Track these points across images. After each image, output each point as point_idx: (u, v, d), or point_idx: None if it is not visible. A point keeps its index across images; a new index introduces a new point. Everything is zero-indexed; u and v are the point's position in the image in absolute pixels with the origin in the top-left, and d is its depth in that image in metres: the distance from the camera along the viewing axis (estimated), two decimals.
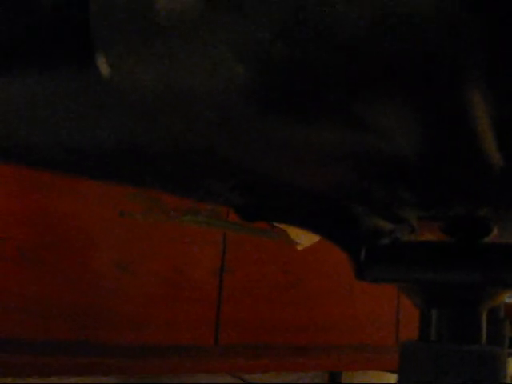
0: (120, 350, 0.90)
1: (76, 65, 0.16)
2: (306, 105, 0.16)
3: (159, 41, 0.14)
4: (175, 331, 0.93)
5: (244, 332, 1.00)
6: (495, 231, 0.37)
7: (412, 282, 0.36)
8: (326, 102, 0.16)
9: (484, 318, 0.36)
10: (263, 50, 0.13)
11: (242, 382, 1.11)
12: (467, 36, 0.12)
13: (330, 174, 0.26)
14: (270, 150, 0.21)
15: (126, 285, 0.89)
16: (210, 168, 0.24)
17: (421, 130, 0.18)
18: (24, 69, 0.18)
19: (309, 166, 0.24)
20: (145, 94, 0.15)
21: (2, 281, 0.80)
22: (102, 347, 0.88)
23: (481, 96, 0.15)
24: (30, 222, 0.82)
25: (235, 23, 0.13)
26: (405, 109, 0.16)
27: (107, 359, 0.89)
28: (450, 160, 0.22)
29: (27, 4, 0.17)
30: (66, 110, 0.18)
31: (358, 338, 1.13)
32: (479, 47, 0.13)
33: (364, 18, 0.12)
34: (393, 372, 1.24)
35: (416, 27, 0.12)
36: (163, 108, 0.16)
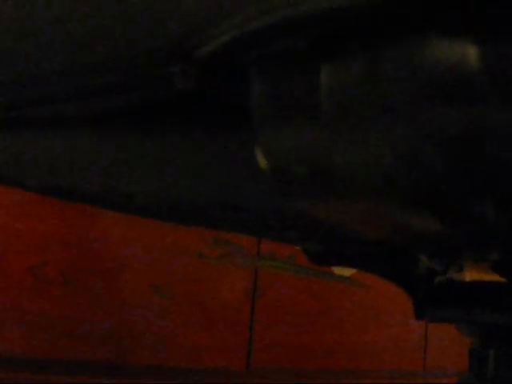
0: (152, 372, 0.91)
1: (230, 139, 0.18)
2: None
3: (321, 129, 0.16)
4: (207, 354, 0.95)
5: (275, 356, 1.01)
6: None
7: (471, 322, 0.37)
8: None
9: None
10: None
11: None
12: None
13: (400, 230, 0.28)
14: (356, 219, 0.23)
15: (159, 307, 0.91)
16: (293, 223, 0.26)
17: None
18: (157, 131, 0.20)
19: (380, 224, 0.26)
20: (293, 177, 0.17)
21: (43, 303, 0.82)
22: (136, 368, 0.89)
23: None
24: (71, 246, 0.84)
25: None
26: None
27: (141, 380, 0.90)
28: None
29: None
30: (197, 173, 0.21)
31: (387, 363, 1.13)
32: None
33: None
34: None
35: None
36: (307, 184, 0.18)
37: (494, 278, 0.42)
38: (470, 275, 0.42)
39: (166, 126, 0.22)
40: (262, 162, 0.17)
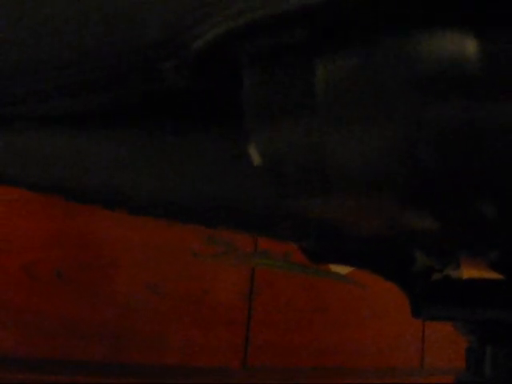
0: (148, 371, 0.91)
1: (222, 136, 0.18)
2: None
3: (315, 123, 0.16)
4: (203, 353, 0.94)
5: (272, 355, 1.01)
6: None
7: (468, 320, 0.37)
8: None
9: None
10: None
11: None
12: None
13: (396, 226, 0.28)
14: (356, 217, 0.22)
15: (155, 306, 0.91)
16: (288, 221, 0.26)
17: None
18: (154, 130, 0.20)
19: (375, 221, 0.26)
20: (288, 170, 0.17)
21: (37, 301, 0.82)
22: (131, 368, 0.89)
23: None
24: (65, 244, 0.84)
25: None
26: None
27: (137, 379, 0.90)
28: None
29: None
30: (190, 170, 0.20)
31: (385, 361, 1.13)
32: None
33: None
34: None
35: None
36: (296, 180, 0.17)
37: (492, 275, 0.42)
38: (467, 272, 0.42)
39: (164, 125, 0.22)
40: (256, 159, 0.17)
